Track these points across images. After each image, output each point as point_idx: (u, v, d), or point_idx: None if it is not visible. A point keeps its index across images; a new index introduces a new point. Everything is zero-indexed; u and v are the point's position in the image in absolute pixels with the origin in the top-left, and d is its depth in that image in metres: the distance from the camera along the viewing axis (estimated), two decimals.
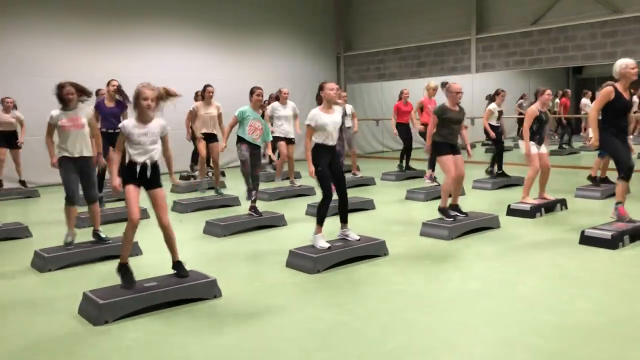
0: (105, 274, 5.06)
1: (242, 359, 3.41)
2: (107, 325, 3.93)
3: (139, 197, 4.41)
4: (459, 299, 4.36)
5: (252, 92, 7.19)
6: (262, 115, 7.34)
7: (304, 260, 5.17)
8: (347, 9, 16.69)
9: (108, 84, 8.03)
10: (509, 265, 5.20)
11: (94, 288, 4.35)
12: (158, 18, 13.20)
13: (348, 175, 11.21)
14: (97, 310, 3.98)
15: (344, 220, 5.62)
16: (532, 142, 7.37)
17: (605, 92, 5.95)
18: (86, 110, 5.90)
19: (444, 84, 7.12)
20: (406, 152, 11.32)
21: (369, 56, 16.23)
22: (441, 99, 7.18)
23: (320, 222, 5.45)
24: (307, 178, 8.28)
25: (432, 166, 9.55)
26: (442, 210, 6.59)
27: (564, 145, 14.83)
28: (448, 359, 3.34)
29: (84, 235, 6.39)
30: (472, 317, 3.96)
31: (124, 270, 4.38)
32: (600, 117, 6.10)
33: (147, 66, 12.96)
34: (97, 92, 9.33)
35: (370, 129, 16.96)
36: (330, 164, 5.49)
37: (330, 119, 5.44)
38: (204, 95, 8.82)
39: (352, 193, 9.39)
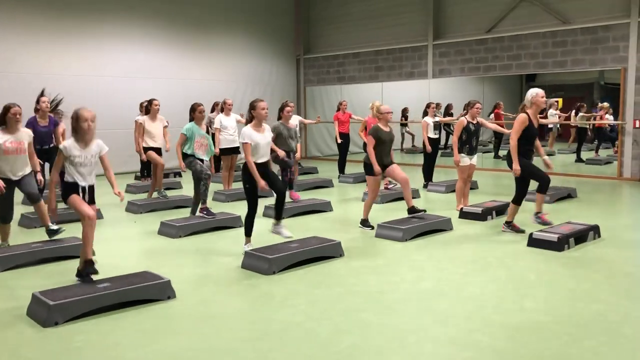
0: (55, 274, 4.96)
1: None
2: (57, 326, 3.86)
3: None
4: (411, 299, 4.46)
5: (194, 109, 7.23)
6: (207, 131, 7.38)
7: (259, 262, 5.18)
8: (307, 11, 16.77)
9: (38, 101, 7.65)
10: (459, 266, 5.34)
11: (44, 289, 4.26)
12: (115, 16, 12.97)
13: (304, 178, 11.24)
14: (47, 312, 3.90)
15: (279, 217, 5.86)
16: (462, 154, 7.83)
17: (522, 119, 6.33)
18: (28, 133, 5.77)
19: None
20: (341, 161, 11.81)
21: (328, 59, 16.35)
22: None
23: (247, 233, 5.76)
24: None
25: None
26: (363, 221, 7.03)
27: (499, 154, 15.18)
28: (398, 357, 3.42)
29: (33, 235, 6.24)
30: (423, 316, 4.07)
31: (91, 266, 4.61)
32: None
33: (102, 64, 12.75)
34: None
35: (329, 131, 17.08)
36: (266, 177, 5.66)
37: (262, 138, 5.64)
38: (150, 109, 8.65)
39: (309, 195, 9.49)
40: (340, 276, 5.07)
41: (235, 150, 9.57)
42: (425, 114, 10.31)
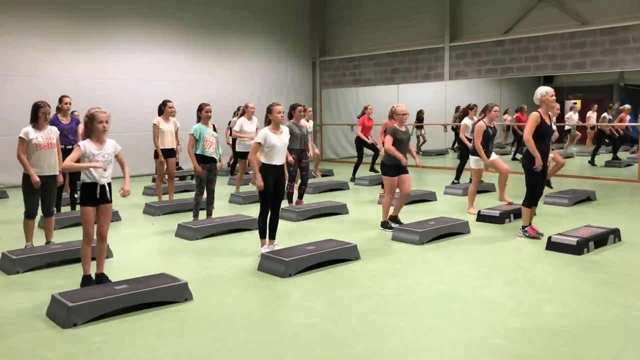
0: (75, 276, 5.01)
1: None
2: (76, 328, 3.90)
3: (94, 218, 4.72)
4: (427, 302, 4.44)
5: (201, 108, 7.32)
6: (214, 129, 7.48)
7: (276, 264, 5.20)
8: (323, 14, 16.79)
9: (60, 100, 7.81)
10: (477, 269, 5.31)
11: (63, 291, 4.31)
12: (130, 18, 13.08)
13: (318, 179, 11.28)
14: (66, 313, 3.95)
15: (272, 237, 5.90)
16: (477, 157, 7.94)
17: (534, 117, 6.27)
18: (54, 130, 6.05)
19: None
20: (375, 156, 12.11)
21: (344, 61, 16.35)
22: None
23: (262, 236, 5.81)
24: None
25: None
26: (383, 223, 7.06)
27: (516, 157, 15.01)
28: None
29: (55, 236, 6.31)
30: (439, 319, 4.05)
31: (86, 282, 4.76)
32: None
33: (119, 67, 12.85)
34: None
35: (345, 134, 17.08)
36: (276, 183, 5.73)
37: (278, 140, 5.69)
38: (164, 110, 8.70)
39: (325, 197, 9.49)
40: (356, 279, 5.06)
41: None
42: (465, 114, 10.25)
